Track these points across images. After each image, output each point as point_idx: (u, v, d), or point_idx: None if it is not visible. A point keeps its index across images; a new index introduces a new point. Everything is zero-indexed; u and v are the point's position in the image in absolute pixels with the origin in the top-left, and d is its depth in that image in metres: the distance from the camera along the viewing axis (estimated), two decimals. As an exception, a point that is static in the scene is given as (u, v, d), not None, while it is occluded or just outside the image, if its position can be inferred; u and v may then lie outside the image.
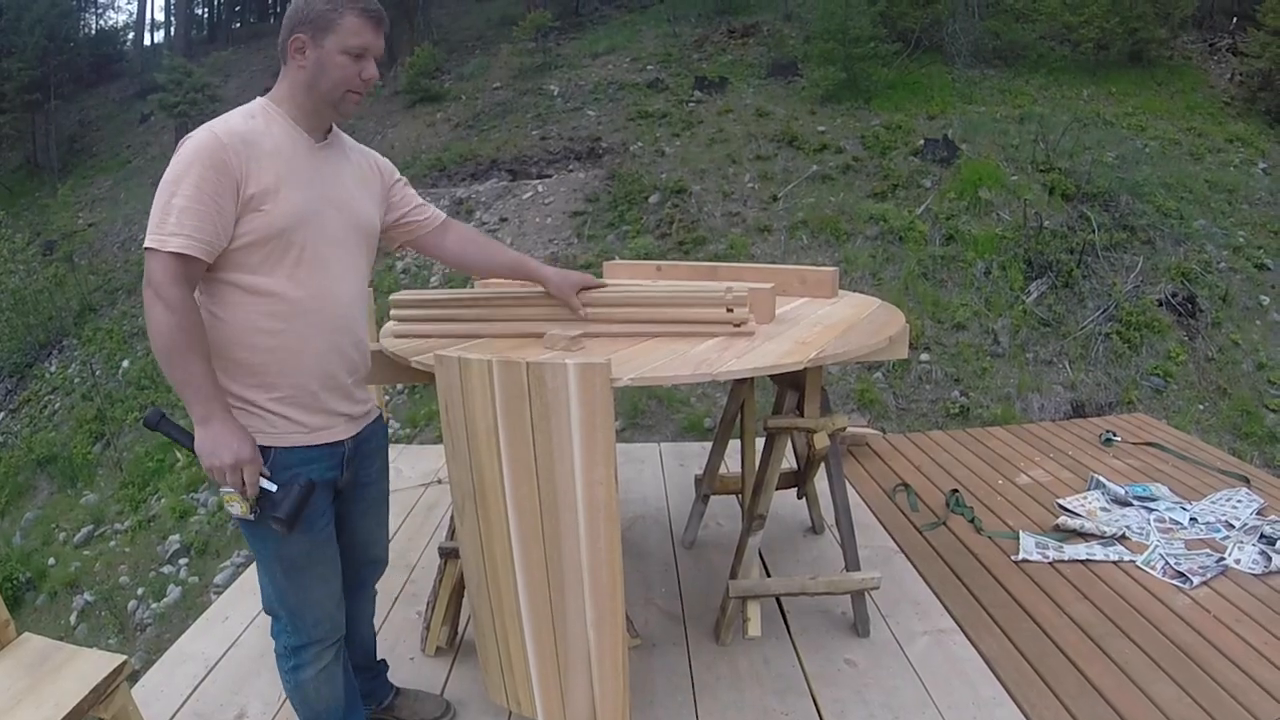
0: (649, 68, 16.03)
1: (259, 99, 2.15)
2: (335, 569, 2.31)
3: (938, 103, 13.14)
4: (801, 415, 2.87)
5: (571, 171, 12.03)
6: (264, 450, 2.08)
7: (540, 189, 11.60)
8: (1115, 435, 5.44)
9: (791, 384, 2.87)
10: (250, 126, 2.04)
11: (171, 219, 1.90)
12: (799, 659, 3.05)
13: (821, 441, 2.90)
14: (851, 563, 3.17)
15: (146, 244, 1.91)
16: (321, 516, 2.25)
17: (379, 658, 2.81)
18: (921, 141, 11.34)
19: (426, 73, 17.83)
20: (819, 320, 2.87)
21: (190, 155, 1.94)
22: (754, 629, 3.05)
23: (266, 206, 2.01)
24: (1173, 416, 7.58)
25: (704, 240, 9.77)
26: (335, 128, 2.26)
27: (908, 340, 2.97)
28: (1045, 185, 10.29)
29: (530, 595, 2.31)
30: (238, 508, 2.03)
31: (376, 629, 2.86)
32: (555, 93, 15.74)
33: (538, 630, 2.35)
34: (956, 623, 3.29)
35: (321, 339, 2.16)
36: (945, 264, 9.09)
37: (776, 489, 3.09)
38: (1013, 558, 3.85)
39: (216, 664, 3.12)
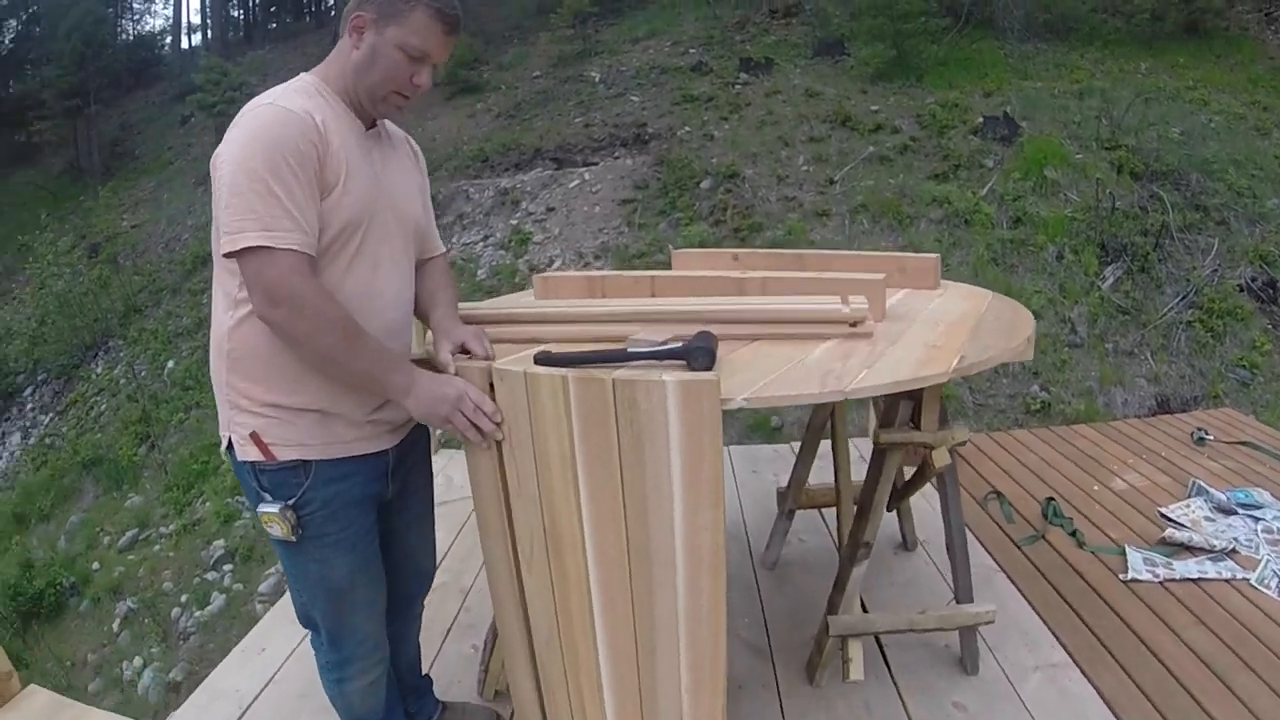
0: (691, 51, 15.54)
1: (305, 75, 1.86)
2: (380, 589, 2.17)
3: (993, 79, 12.57)
4: (918, 428, 2.46)
5: (618, 158, 11.62)
6: (303, 464, 1.91)
7: (587, 177, 11.20)
8: (1207, 433, 5.06)
9: (905, 391, 2.45)
10: (313, 105, 1.76)
11: (278, 210, 1.68)
12: (903, 704, 2.70)
13: (941, 459, 2.49)
14: (963, 594, 2.81)
15: (252, 242, 1.66)
16: (365, 536, 2.05)
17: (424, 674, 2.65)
18: (980, 119, 10.77)
19: (465, 63, 17.49)
20: (936, 317, 2.45)
21: (273, 135, 1.68)
22: (856, 671, 2.67)
23: (333, 198, 1.76)
24: (1261, 411, 7.01)
25: (760, 226, 9.31)
26: None
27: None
28: (1113, 163, 9.69)
29: (613, 657, 1.92)
30: (278, 529, 1.90)
31: (429, 663, 2.56)
32: (597, 79, 15.33)
33: (621, 697, 1.97)
34: (1069, 655, 2.95)
35: None
36: (1015, 248, 8.55)
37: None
38: (1121, 577, 3.52)
39: (252, 704, 2.82)
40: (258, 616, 4.65)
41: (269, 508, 1.88)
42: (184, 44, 33.32)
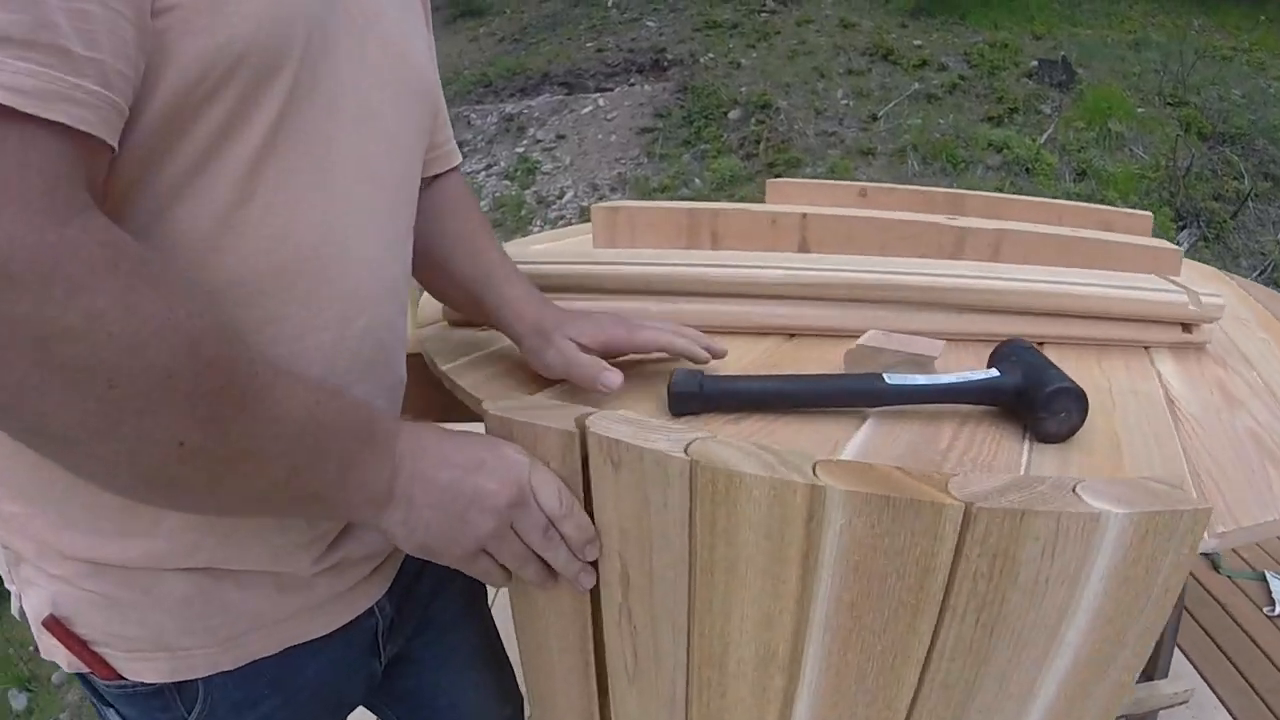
0: (711, -24, 14.30)
1: None
2: None
3: (1040, 22, 11.41)
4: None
5: (634, 85, 10.43)
6: (178, 688, 0.88)
7: (601, 103, 10.02)
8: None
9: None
10: None
11: None
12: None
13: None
14: (1161, 669, 2.13)
15: None
16: None
17: None
18: (1034, 63, 9.63)
19: (467, -14, 16.30)
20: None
21: None
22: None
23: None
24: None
25: (799, 162, 8.18)
26: None
27: None
28: (1180, 121, 8.65)
29: None
30: None
31: None
32: (609, 3, 14.05)
33: None
34: (1238, 724, 2.33)
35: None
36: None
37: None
38: (1266, 611, 2.89)
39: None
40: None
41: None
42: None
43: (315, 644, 0.96)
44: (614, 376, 0.96)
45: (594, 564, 0.86)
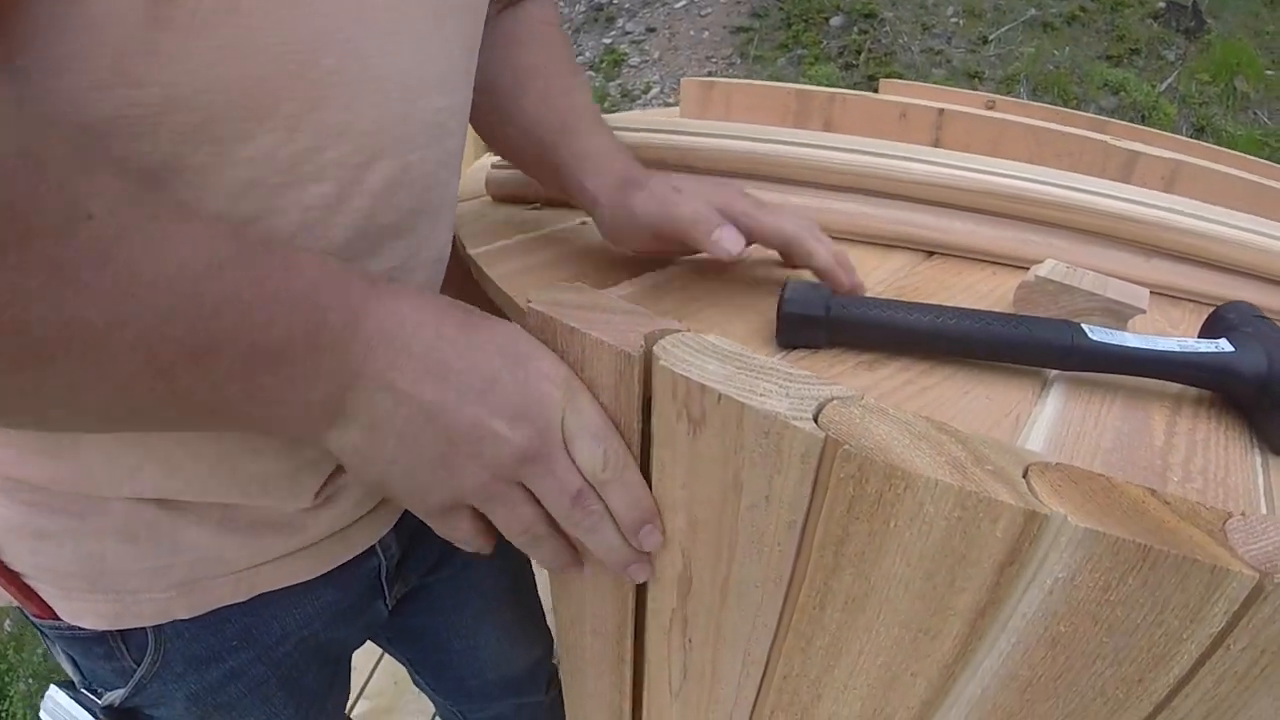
0: (825, -123, 13.53)
1: None
2: None
3: (1171, -40, 10.64)
4: None
5: (732, -19, 9.95)
6: (121, 636, 0.70)
7: (696, -3, 9.58)
8: None
9: None
10: None
11: None
12: None
13: None
14: None
15: None
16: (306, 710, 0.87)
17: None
18: (1161, 3, 8.94)
19: None
20: None
21: None
22: None
23: None
24: None
25: (900, 78, 7.59)
26: None
27: None
28: (1310, 88, 8.00)
29: None
30: None
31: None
32: (716, -107, 13.43)
33: None
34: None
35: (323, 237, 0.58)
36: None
37: None
38: None
39: None
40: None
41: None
42: None
43: (298, 589, 0.75)
44: (733, 235, 0.66)
45: (640, 577, 0.60)
